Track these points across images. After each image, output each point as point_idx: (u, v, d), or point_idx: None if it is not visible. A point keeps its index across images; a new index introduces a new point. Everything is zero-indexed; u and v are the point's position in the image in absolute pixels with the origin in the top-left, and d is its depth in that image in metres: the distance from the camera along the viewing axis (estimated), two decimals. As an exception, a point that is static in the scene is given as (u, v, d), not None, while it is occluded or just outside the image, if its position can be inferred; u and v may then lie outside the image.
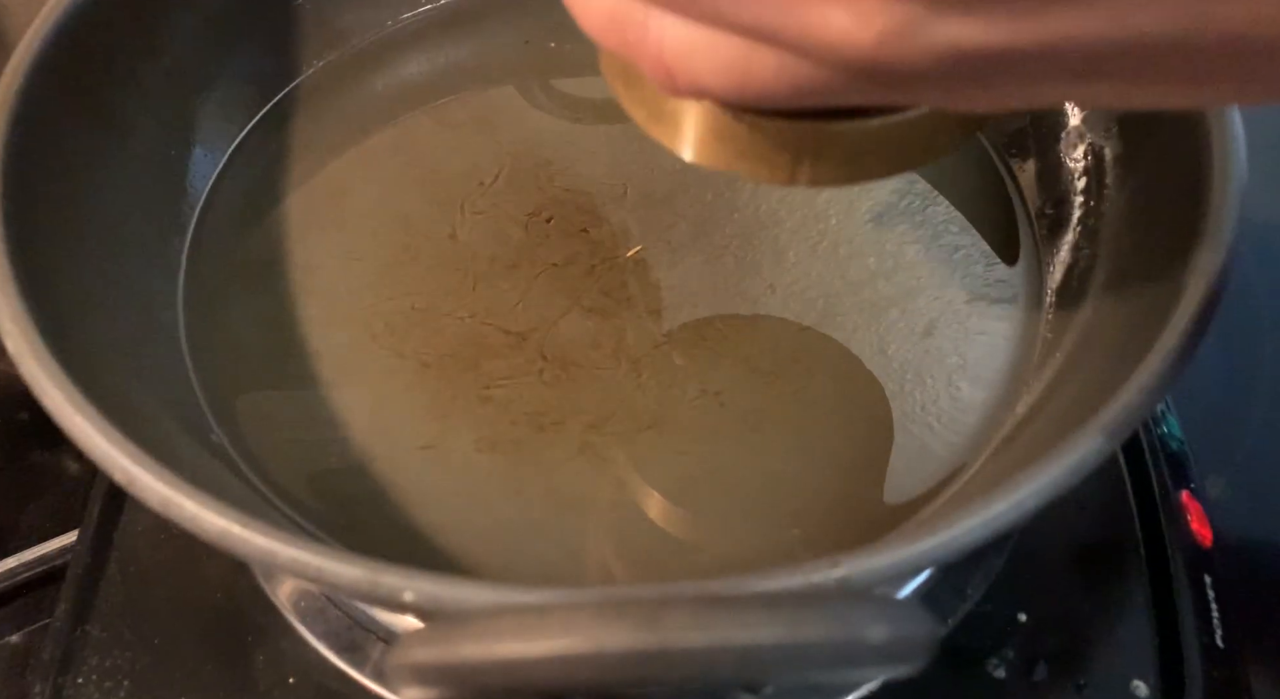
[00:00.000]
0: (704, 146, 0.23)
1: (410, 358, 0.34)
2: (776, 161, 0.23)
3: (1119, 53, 0.15)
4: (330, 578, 0.22)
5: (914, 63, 0.15)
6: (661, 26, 0.18)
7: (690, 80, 0.18)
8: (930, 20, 0.15)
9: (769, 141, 0.22)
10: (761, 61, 0.17)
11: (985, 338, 0.34)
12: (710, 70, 0.18)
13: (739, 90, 0.18)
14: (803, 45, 0.16)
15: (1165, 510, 0.36)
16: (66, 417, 0.25)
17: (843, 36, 0.15)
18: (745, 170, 0.23)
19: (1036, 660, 0.33)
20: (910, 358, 0.33)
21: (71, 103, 0.32)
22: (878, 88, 0.17)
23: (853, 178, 0.24)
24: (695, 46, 0.18)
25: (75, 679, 0.33)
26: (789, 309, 0.34)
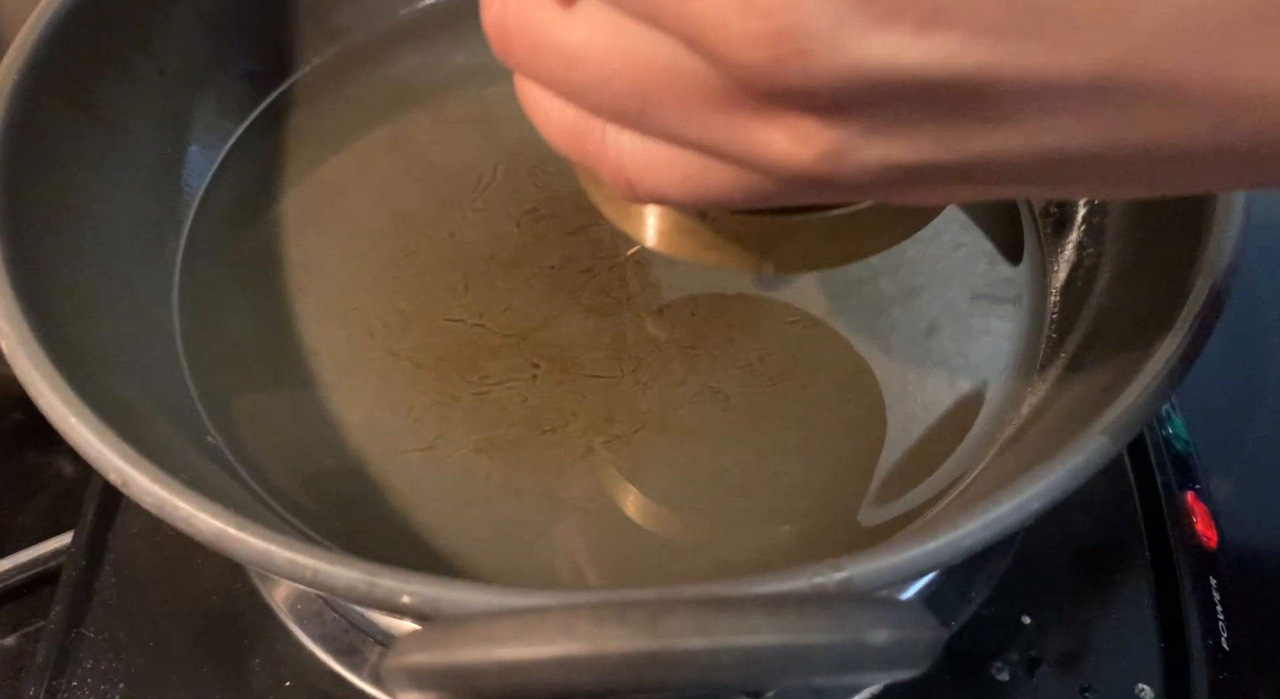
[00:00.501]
0: (671, 240, 0.25)
1: (408, 358, 0.33)
2: (741, 253, 0.24)
3: (1040, 165, 0.16)
4: (327, 580, 0.22)
5: (852, 177, 0.17)
6: (619, 141, 0.19)
7: (650, 190, 0.19)
8: (861, 143, 0.16)
9: (731, 235, 0.24)
10: (716, 173, 0.18)
11: (988, 337, 0.34)
12: (669, 182, 0.19)
13: (697, 199, 0.19)
14: (748, 161, 0.18)
15: (1170, 512, 0.36)
16: (61, 417, 0.25)
17: (784, 156, 0.17)
18: (712, 261, 0.25)
19: (1041, 664, 0.33)
20: (913, 357, 0.33)
21: (66, 101, 0.32)
22: (828, 194, 0.18)
23: (817, 265, 0.25)
24: (652, 160, 0.19)
25: (70, 682, 0.33)
26: (790, 308, 0.34)
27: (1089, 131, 0.16)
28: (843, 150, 0.16)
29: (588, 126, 0.19)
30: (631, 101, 0.18)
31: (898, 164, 0.17)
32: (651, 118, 0.18)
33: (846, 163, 0.17)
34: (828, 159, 0.16)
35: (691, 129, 0.18)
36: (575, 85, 0.19)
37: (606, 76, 0.18)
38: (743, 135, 0.17)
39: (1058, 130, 0.16)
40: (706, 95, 0.17)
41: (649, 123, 0.18)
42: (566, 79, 0.19)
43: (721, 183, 0.19)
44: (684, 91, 0.17)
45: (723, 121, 0.17)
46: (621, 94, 0.18)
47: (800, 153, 0.17)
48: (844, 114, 0.16)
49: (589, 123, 0.19)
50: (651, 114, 0.18)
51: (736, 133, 0.17)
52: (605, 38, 0.18)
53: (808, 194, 0.19)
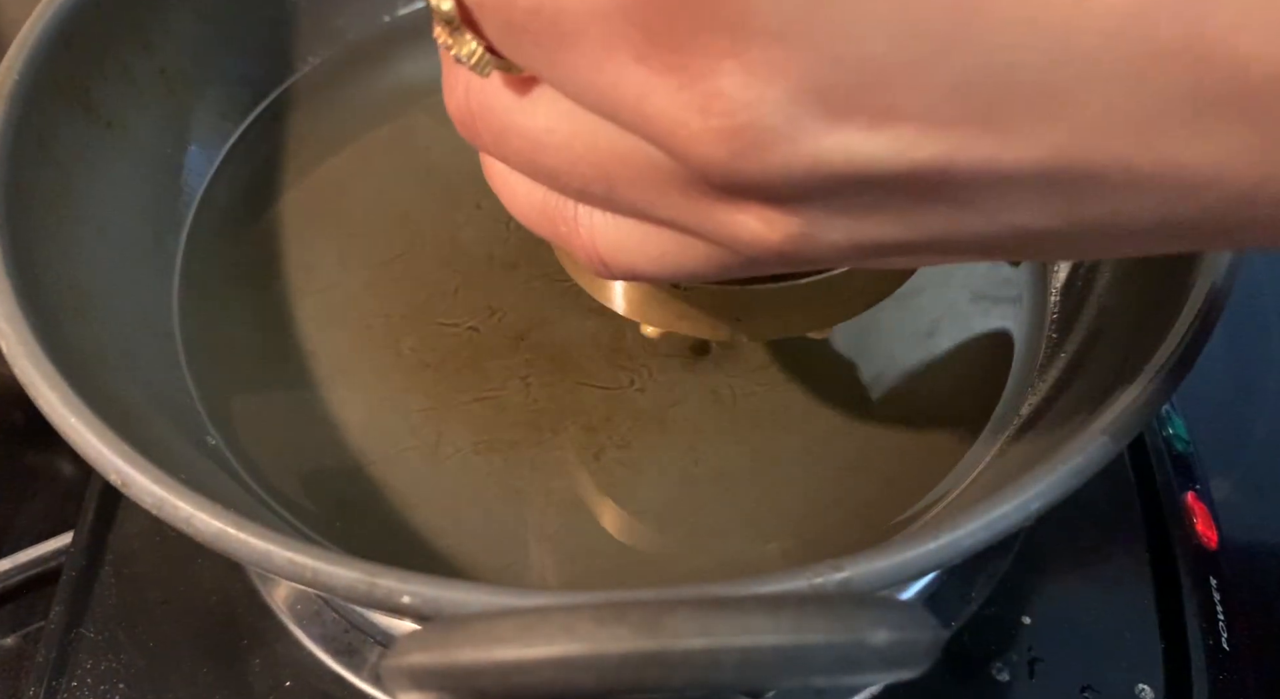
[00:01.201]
0: (646, 311, 0.26)
1: (408, 358, 0.33)
2: (714, 322, 0.25)
3: (1003, 240, 0.17)
4: (326, 580, 0.22)
5: (821, 254, 0.18)
6: (590, 220, 0.19)
7: (624, 268, 0.20)
8: (827, 225, 0.17)
9: (707, 303, 0.25)
10: (689, 251, 0.19)
11: (989, 338, 0.34)
12: (642, 260, 0.19)
13: (671, 275, 0.20)
14: (719, 240, 0.18)
15: (1171, 512, 0.36)
16: (61, 418, 0.25)
17: (752, 239, 0.17)
18: (688, 329, 0.26)
19: (1041, 664, 0.33)
20: (913, 358, 0.33)
21: (65, 100, 0.32)
22: (800, 267, 0.19)
23: (790, 330, 0.26)
24: (624, 238, 0.19)
25: (70, 683, 0.33)
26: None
27: (1046, 212, 0.16)
28: (809, 233, 0.17)
29: (558, 206, 0.20)
30: (597, 185, 0.18)
31: (864, 242, 0.17)
32: (619, 199, 0.18)
33: (814, 243, 0.17)
34: (795, 240, 0.17)
35: (660, 210, 0.18)
36: (540, 168, 0.19)
37: (571, 161, 0.18)
38: (711, 218, 0.17)
39: (1016, 212, 0.16)
40: (672, 181, 0.17)
41: (617, 204, 0.19)
42: (532, 162, 0.19)
43: (694, 259, 0.19)
44: (649, 177, 0.17)
45: (690, 205, 0.17)
46: (587, 178, 0.18)
47: (768, 235, 0.17)
48: (808, 203, 0.16)
49: (559, 203, 0.20)
50: (619, 196, 0.18)
51: (705, 215, 0.17)
52: (568, 125, 0.18)
53: (781, 268, 0.19)
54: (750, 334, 0.26)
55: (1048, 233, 0.17)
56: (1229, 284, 0.26)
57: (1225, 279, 0.26)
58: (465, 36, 0.18)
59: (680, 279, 0.20)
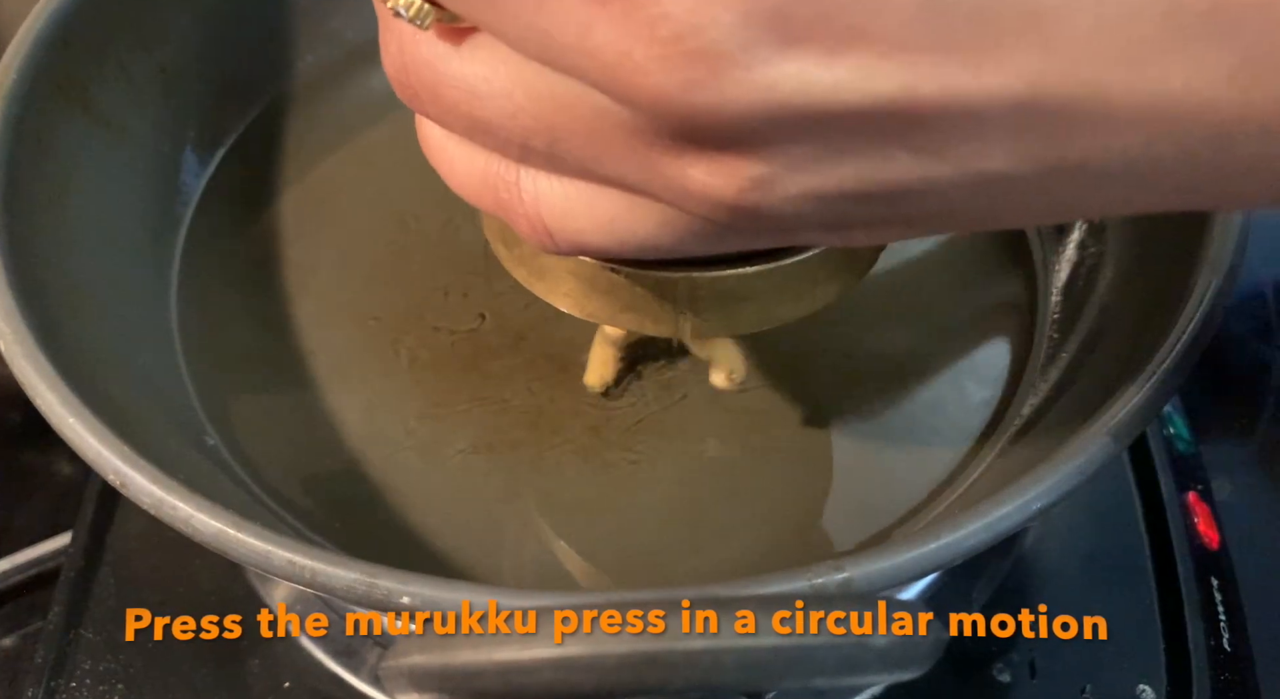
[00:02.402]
0: (588, 302, 0.24)
1: (407, 358, 0.33)
2: (659, 313, 0.23)
3: (974, 194, 0.16)
4: (326, 581, 0.22)
5: (776, 209, 0.16)
6: (536, 186, 0.18)
7: (571, 239, 0.18)
8: (784, 174, 0.16)
9: (649, 293, 0.23)
10: (639, 215, 0.18)
11: (990, 338, 0.34)
12: (591, 228, 0.18)
13: (620, 245, 0.18)
14: (670, 198, 0.17)
15: (1172, 513, 0.36)
16: (59, 418, 0.25)
17: (705, 190, 0.16)
18: (631, 322, 0.24)
19: (1042, 665, 0.33)
20: (914, 358, 0.33)
21: (64, 99, 0.32)
22: (758, 232, 0.17)
23: (736, 327, 0.24)
24: (572, 205, 0.18)
25: (68, 683, 0.33)
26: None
27: (1019, 155, 0.15)
28: (766, 182, 0.16)
29: (500, 172, 0.18)
30: (539, 138, 0.17)
31: (824, 195, 0.16)
32: (563, 155, 0.17)
33: (771, 195, 0.16)
34: (752, 192, 0.16)
35: (607, 165, 0.17)
36: (478, 122, 0.18)
37: (511, 111, 0.17)
38: (661, 170, 0.16)
39: (987, 155, 0.15)
40: (620, 131, 0.16)
41: (561, 161, 0.17)
42: (470, 116, 0.18)
43: (645, 226, 0.18)
44: (595, 127, 0.16)
45: (639, 156, 0.16)
46: (528, 130, 0.17)
47: (722, 187, 0.16)
48: (764, 145, 0.15)
49: (501, 168, 0.18)
50: (562, 151, 0.17)
51: (654, 168, 0.16)
52: (507, 72, 0.17)
53: (737, 236, 0.18)
54: (698, 330, 0.24)
55: (1019, 183, 0.16)
56: (1230, 284, 0.26)
57: (1226, 279, 0.26)
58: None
59: (630, 252, 0.18)
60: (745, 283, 0.23)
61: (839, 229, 0.18)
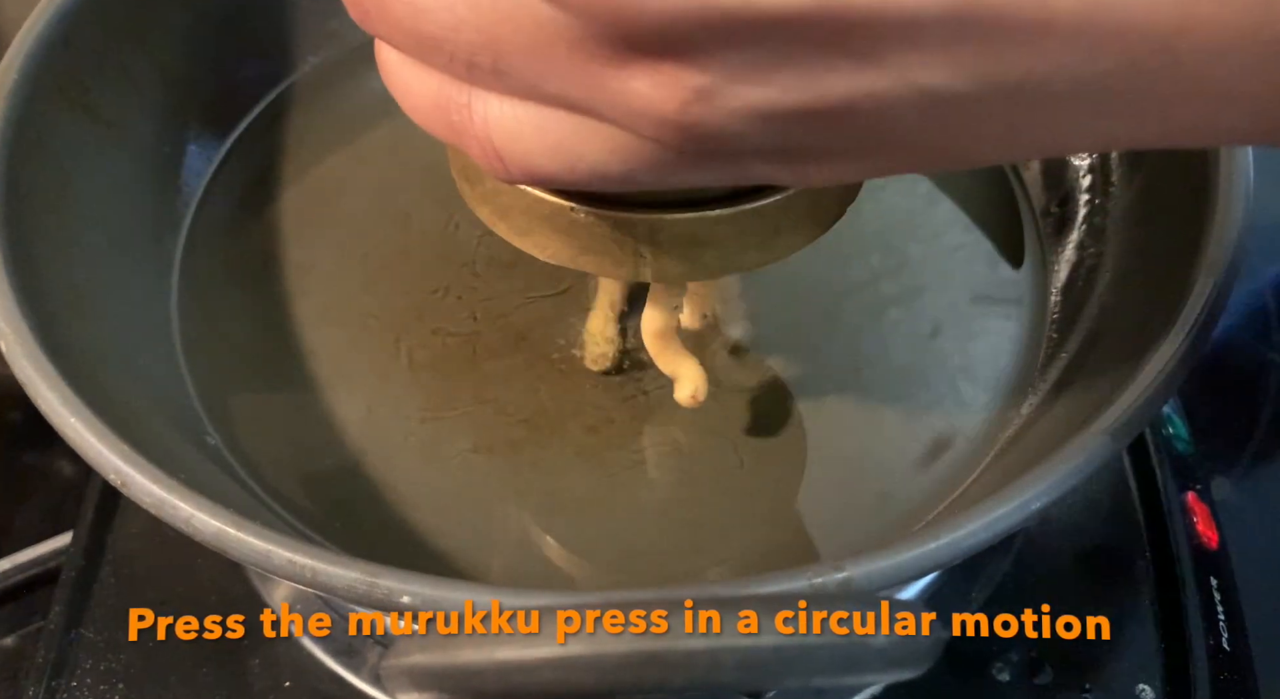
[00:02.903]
0: (548, 242, 0.24)
1: (407, 358, 0.33)
2: (619, 255, 0.23)
3: (919, 112, 0.16)
4: (326, 580, 0.22)
5: (721, 126, 0.16)
6: (486, 108, 0.18)
7: (521, 164, 0.18)
8: (726, 86, 0.15)
9: (609, 234, 0.22)
10: (589, 138, 0.17)
11: (989, 338, 0.34)
12: (540, 150, 0.18)
13: (570, 170, 0.18)
14: (616, 115, 0.17)
15: (1171, 513, 0.36)
16: (60, 417, 0.25)
17: (648, 104, 0.16)
18: (591, 265, 0.24)
19: (1042, 665, 0.33)
20: (914, 358, 0.33)
21: (65, 100, 0.32)
22: (707, 159, 0.17)
23: (696, 273, 0.24)
24: (522, 127, 0.18)
25: (69, 683, 0.33)
26: (791, 309, 0.34)
27: (960, 69, 0.15)
28: (708, 94, 0.16)
29: (451, 94, 0.18)
30: (484, 54, 0.17)
31: (769, 112, 0.16)
32: (508, 72, 0.17)
33: (714, 109, 0.16)
34: (694, 104, 0.16)
35: (552, 81, 0.17)
36: (424, 38, 0.17)
37: (454, 25, 0.17)
38: (604, 84, 0.16)
39: (926, 68, 0.15)
40: (561, 42, 0.16)
41: (508, 79, 0.17)
42: (416, 31, 0.17)
43: (595, 149, 0.18)
44: (537, 39, 0.16)
45: (582, 71, 0.16)
46: (473, 45, 0.17)
47: (664, 100, 0.16)
48: (701, 52, 0.15)
49: (452, 90, 0.18)
50: (507, 67, 0.17)
51: (598, 82, 0.16)
52: None
53: (688, 165, 0.18)
54: (657, 273, 0.24)
55: (963, 100, 0.15)
56: (1229, 284, 0.26)
57: (1225, 279, 0.26)
58: None
59: (579, 178, 0.18)
60: (706, 227, 0.22)
61: (790, 159, 0.18)
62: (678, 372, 0.29)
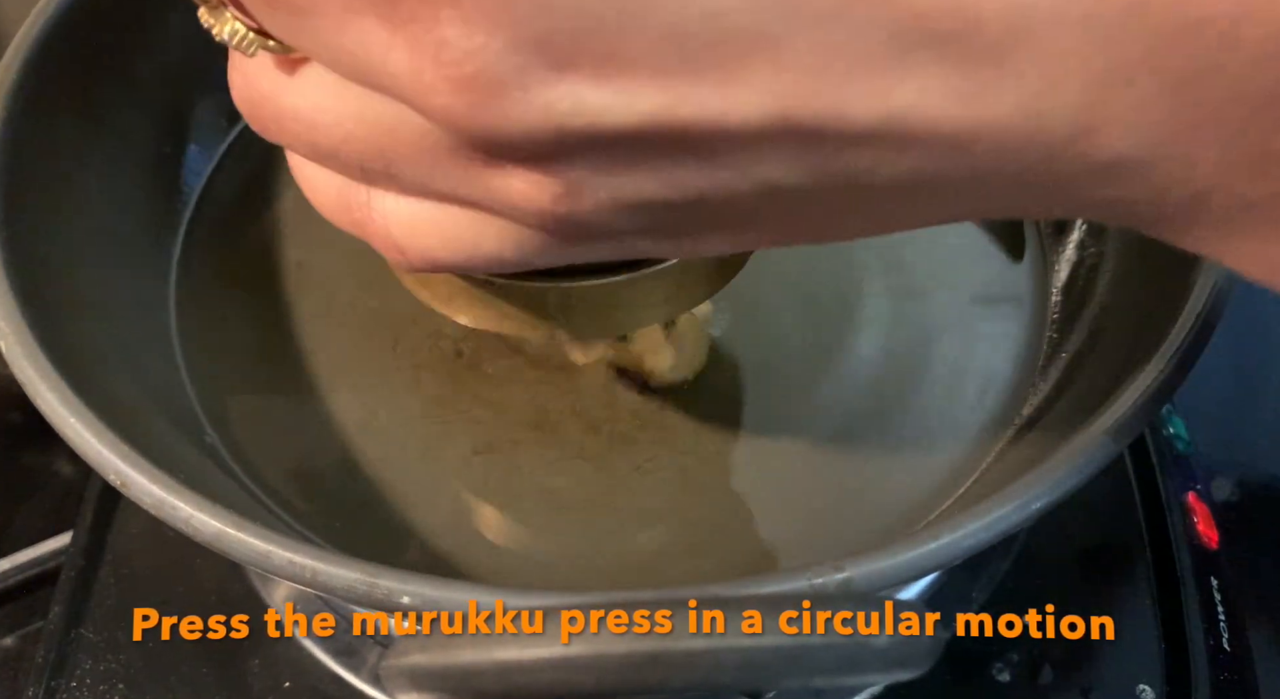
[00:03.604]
0: (469, 310, 0.25)
1: (406, 358, 0.33)
2: (535, 320, 0.25)
3: (771, 201, 0.17)
4: (326, 581, 0.22)
5: (591, 216, 0.17)
6: (384, 205, 0.19)
7: (421, 256, 0.19)
8: (591, 182, 0.17)
9: (525, 301, 0.24)
10: (483, 230, 0.19)
11: (990, 338, 0.34)
12: (438, 243, 0.19)
13: (468, 260, 0.19)
14: (500, 209, 0.18)
15: (1171, 512, 0.36)
16: (60, 418, 0.25)
17: (525, 200, 0.17)
18: (510, 330, 0.25)
19: (1042, 665, 0.33)
20: (914, 358, 0.33)
21: (64, 100, 0.32)
22: (590, 242, 0.19)
23: (607, 331, 0.26)
24: (418, 222, 0.19)
25: (69, 683, 0.33)
26: (791, 310, 0.34)
27: (791, 166, 0.16)
28: (573, 192, 0.17)
29: (352, 193, 0.19)
30: (375, 161, 0.18)
31: (632, 204, 0.17)
32: (400, 176, 0.18)
33: (581, 204, 0.17)
34: (564, 199, 0.17)
35: (439, 181, 0.18)
36: (319, 149, 0.19)
37: (343, 138, 0.18)
38: (483, 183, 0.17)
39: (763, 165, 0.16)
40: (442, 150, 0.17)
41: (400, 180, 0.18)
42: (311, 143, 0.19)
43: (488, 240, 0.19)
44: (420, 148, 0.17)
45: (463, 171, 0.17)
46: (362, 154, 0.18)
47: (537, 195, 0.17)
48: (560, 159, 0.16)
49: (353, 189, 0.19)
50: (398, 172, 0.18)
51: (480, 181, 0.17)
52: (334, 101, 0.18)
53: (574, 247, 0.19)
54: (572, 333, 0.26)
55: (807, 193, 0.17)
56: (1230, 284, 0.26)
57: (1226, 279, 0.26)
58: (225, 14, 0.18)
59: (479, 267, 0.19)
60: (612, 291, 0.24)
61: (666, 237, 0.19)
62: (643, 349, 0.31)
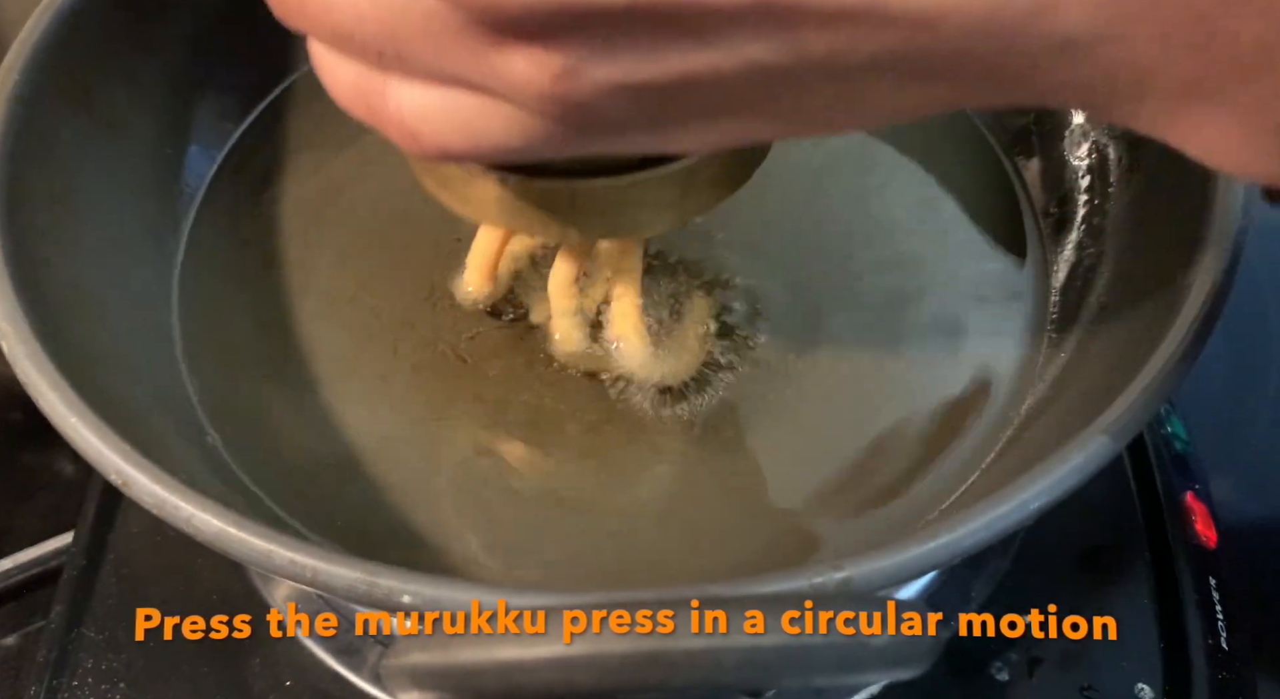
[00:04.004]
0: (485, 208, 0.27)
1: (407, 358, 0.33)
2: (547, 220, 0.26)
3: (755, 82, 0.18)
4: (327, 580, 0.22)
5: (588, 100, 0.18)
6: (399, 92, 0.20)
7: (433, 142, 0.20)
8: (589, 63, 0.18)
9: (535, 202, 0.26)
10: (490, 116, 0.20)
11: (989, 338, 0.34)
12: (448, 129, 0.20)
13: (476, 146, 0.20)
14: (505, 91, 0.19)
15: (1170, 512, 0.36)
16: (61, 417, 0.25)
17: (527, 81, 0.18)
18: (524, 228, 0.27)
19: (1041, 663, 0.33)
20: (913, 358, 0.33)
21: (67, 100, 0.32)
22: (590, 133, 0.20)
23: (616, 231, 0.27)
24: (430, 109, 0.20)
25: (70, 682, 0.33)
26: (790, 310, 0.34)
27: (776, 46, 0.18)
28: (573, 71, 0.18)
29: (369, 82, 0.20)
30: (387, 42, 0.19)
31: (627, 84, 0.18)
32: (410, 58, 0.19)
33: (580, 85, 0.18)
34: (564, 79, 0.18)
35: (448, 64, 0.19)
36: (336, 30, 0.20)
37: (358, 18, 0.19)
38: (491, 64, 0.18)
39: (749, 45, 0.18)
40: (449, 30, 0.18)
41: (412, 64, 0.19)
42: (328, 25, 0.20)
43: (496, 126, 0.20)
44: (428, 28, 0.18)
45: (471, 53, 0.18)
46: (377, 35, 0.19)
47: (538, 75, 0.18)
48: (562, 39, 0.18)
49: (369, 78, 0.20)
50: (408, 54, 0.19)
51: (485, 62, 0.18)
52: None
53: (576, 137, 0.20)
54: (582, 233, 0.27)
55: (790, 72, 0.18)
56: (1228, 284, 0.26)
57: (1225, 279, 0.26)
58: None
59: (485, 153, 0.20)
60: (620, 191, 0.25)
61: (663, 127, 0.20)
62: None
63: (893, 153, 0.38)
